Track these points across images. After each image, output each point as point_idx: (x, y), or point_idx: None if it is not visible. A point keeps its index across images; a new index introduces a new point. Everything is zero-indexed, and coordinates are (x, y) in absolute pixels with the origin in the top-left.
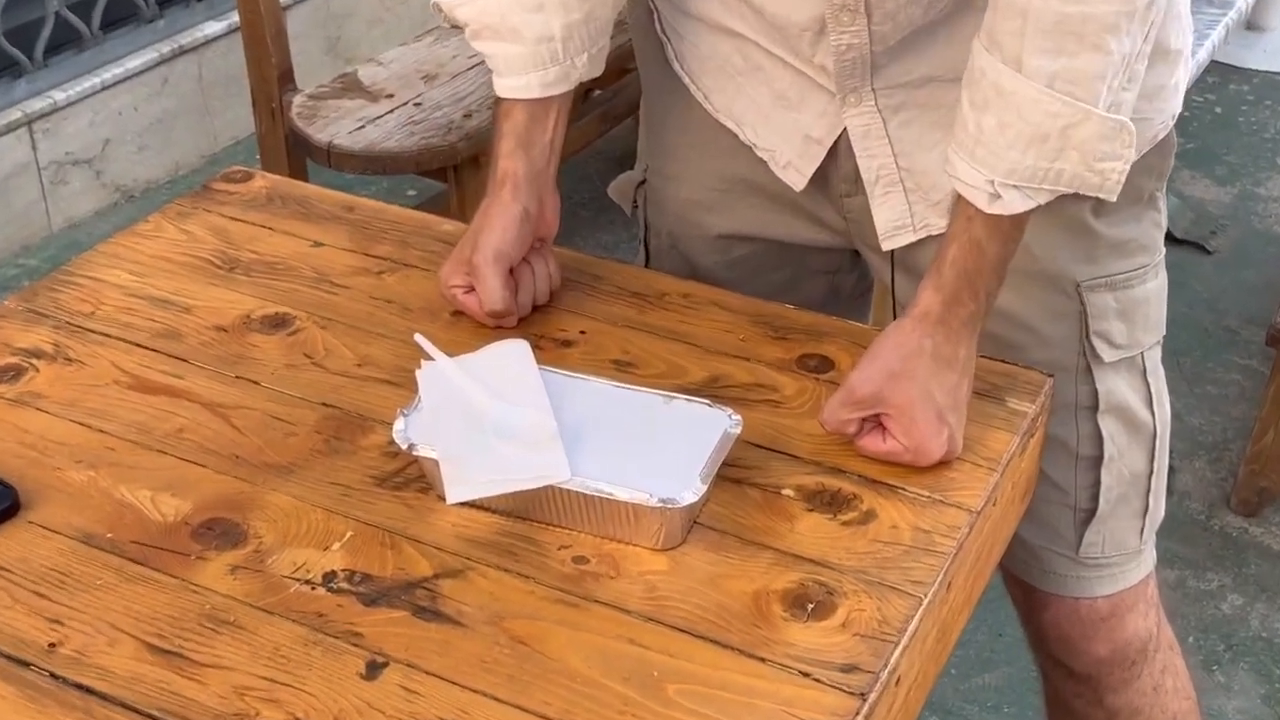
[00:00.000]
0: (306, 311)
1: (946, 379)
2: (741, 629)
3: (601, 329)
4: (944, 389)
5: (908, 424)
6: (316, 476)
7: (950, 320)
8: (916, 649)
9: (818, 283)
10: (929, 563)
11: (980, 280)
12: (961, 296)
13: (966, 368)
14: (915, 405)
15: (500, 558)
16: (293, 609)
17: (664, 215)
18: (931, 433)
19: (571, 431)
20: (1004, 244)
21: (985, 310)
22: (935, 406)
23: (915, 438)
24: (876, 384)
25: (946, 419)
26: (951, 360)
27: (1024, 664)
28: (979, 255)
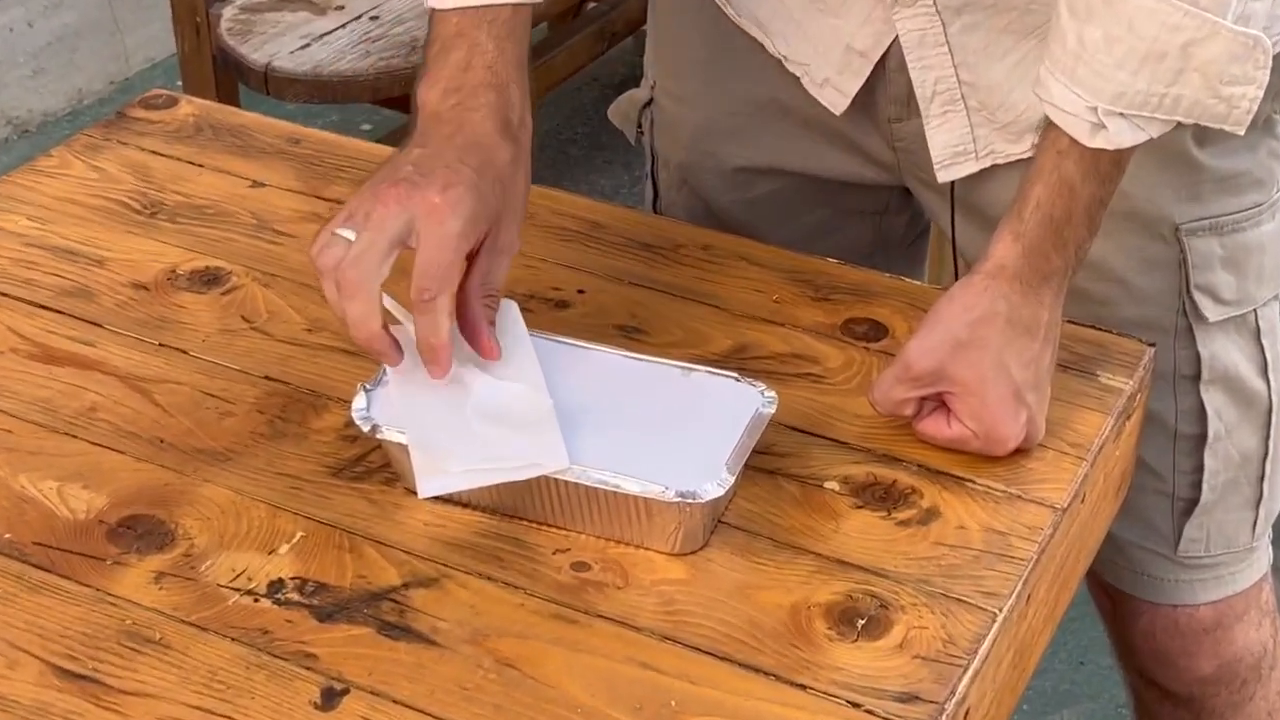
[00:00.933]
0: (245, 265)
1: (1025, 349)
2: (777, 650)
3: (604, 287)
4: (1022, 361)
5: (977, 405)
6: (259, 465)
7: (1030, 277)
8: (989, 675)
9: (860, 227)
10: (1004, 570)
11: (1069, 229)
12: (1045, 248)
13: (1049, 336)
14: (986, 382)
15: (483, 564)
16: (231, 625)
17: (674, 144)
18: (1006, 415)
19: (569, 411)
20: (1101, 185)
21: (1073, 266)
22: (1011, 383)
23: (986, 421)
24: (939, 356)
25: (1024, 398)
26: (1031, 326)
27: (1110, 696)
28: (1070, 198)
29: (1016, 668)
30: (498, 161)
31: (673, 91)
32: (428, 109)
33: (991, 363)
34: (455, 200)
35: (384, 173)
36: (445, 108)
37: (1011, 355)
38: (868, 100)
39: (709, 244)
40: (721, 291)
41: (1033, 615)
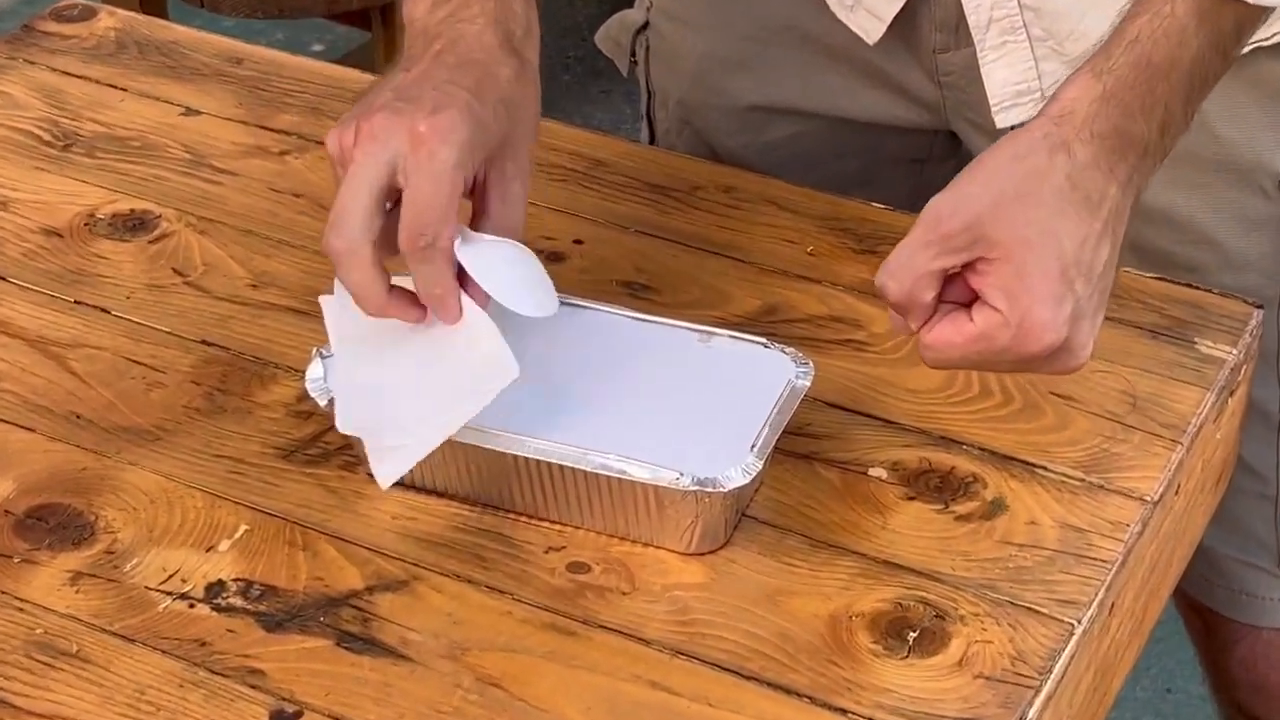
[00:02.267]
0: (177, 209)
1: (1083, 224)
2: (812, 668)
3: (607, 237)
4: (1077, 236)
5: (1012, 276)
6: (194, 446)
7: (1106, 132)
8: (1065, 699)
9: (897, 177)
10: (1083, 575)
11: (1166, 85)
12: (1132, 100)
13: (1114, 223)
14: (1030, 245)
15: (463, 564)
16: (162, 635)
17: (674, 77)
18: (1047, 293)
19: (564, 384)
20: (1215, 44)
21: (1161, 147)
22: (1059, 255)
23: (1021, 298)
24: (976, 209)
25: (1073, 283)
26: (1095, 198)
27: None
28: (1178, 43)
29: (1097, 691)
30: (499, 78)
31: (672, 13)
32: (415, 25)
33: (1040, 225)
34: (446, 125)
35: (360, 105)
36: (434, 21)
37: (1066, 223)
38: (907, 27)
39: (731, 185)
40: (746, 242)
41: (1116, 629)
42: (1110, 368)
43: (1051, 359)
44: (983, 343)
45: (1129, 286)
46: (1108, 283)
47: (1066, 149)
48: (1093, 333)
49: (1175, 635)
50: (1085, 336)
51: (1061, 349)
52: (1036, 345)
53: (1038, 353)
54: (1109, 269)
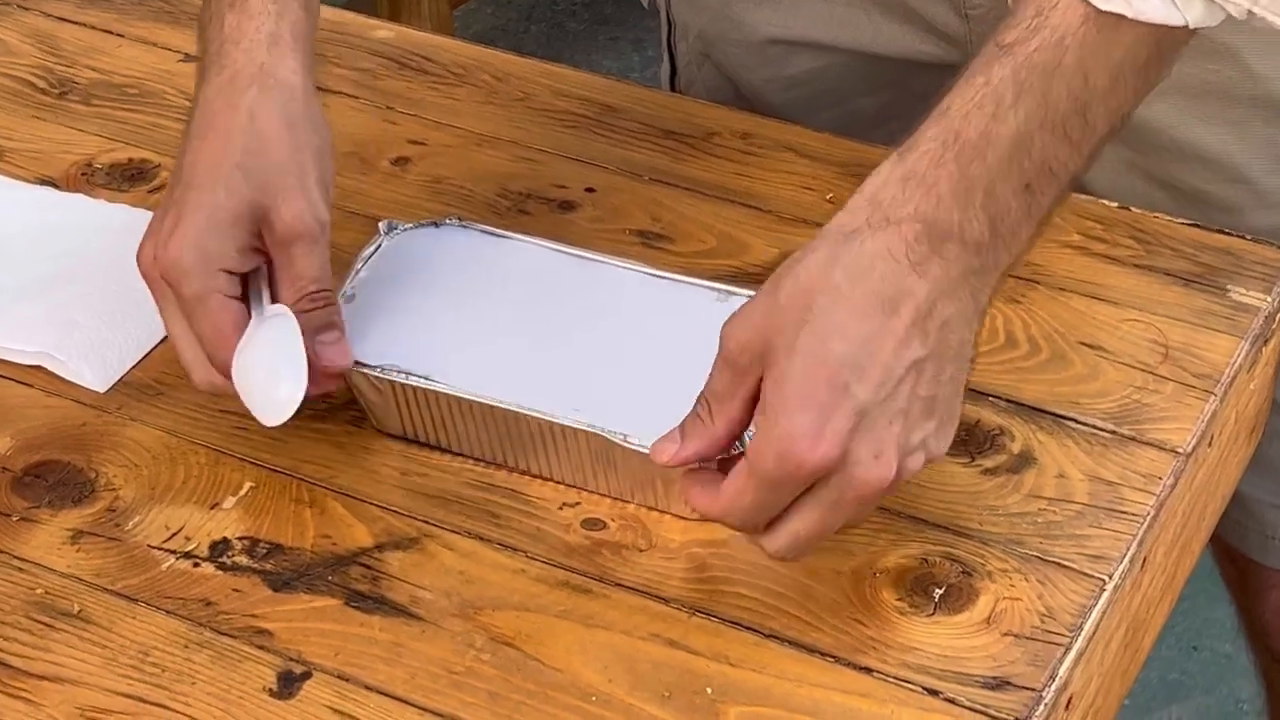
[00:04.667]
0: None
1: (868, 324)
2: (836, 626)
3: (619, 184)
4: (856, 338)
5: (772, 388)
6: (198, 400)
7: (907, 219)
8: (1097, 656)
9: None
10: (1115, 529)
11: (981, 168)
12: (939, 183)
13: (935, 328)
14: (794, 352)
15: (475, 521)
16: (166, 595)
17: (695, 8)
18: (806, 402)
19: (574, 342)
20: (1047, 122)
21: (997, 243)
22: (827, 360)
23: (778, 412)
24: (754, 321)
25: (849, 389)
26: (893, 296)
27: (1229, 689)
28: (989, 117)
29: (1129, 648)
30: (230, 137)
31: None
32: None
33: (809, 328)
34: (176, 256)
35: None
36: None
37: (839, 320)
38: None
39: (748, 131)
40: (764, 189)
41: (1149, 584)
42: (1141, 316)
43: (844, 482)
44: (756, 476)
45: (1159, 233)
46: (935, 394)
47: (854, 238)
48: (901, 443)
49: (1202, 593)
50: (879, 448)
51: (847, 464)
52: (802, 463)
53: (813, 472)
54: (932, 377)
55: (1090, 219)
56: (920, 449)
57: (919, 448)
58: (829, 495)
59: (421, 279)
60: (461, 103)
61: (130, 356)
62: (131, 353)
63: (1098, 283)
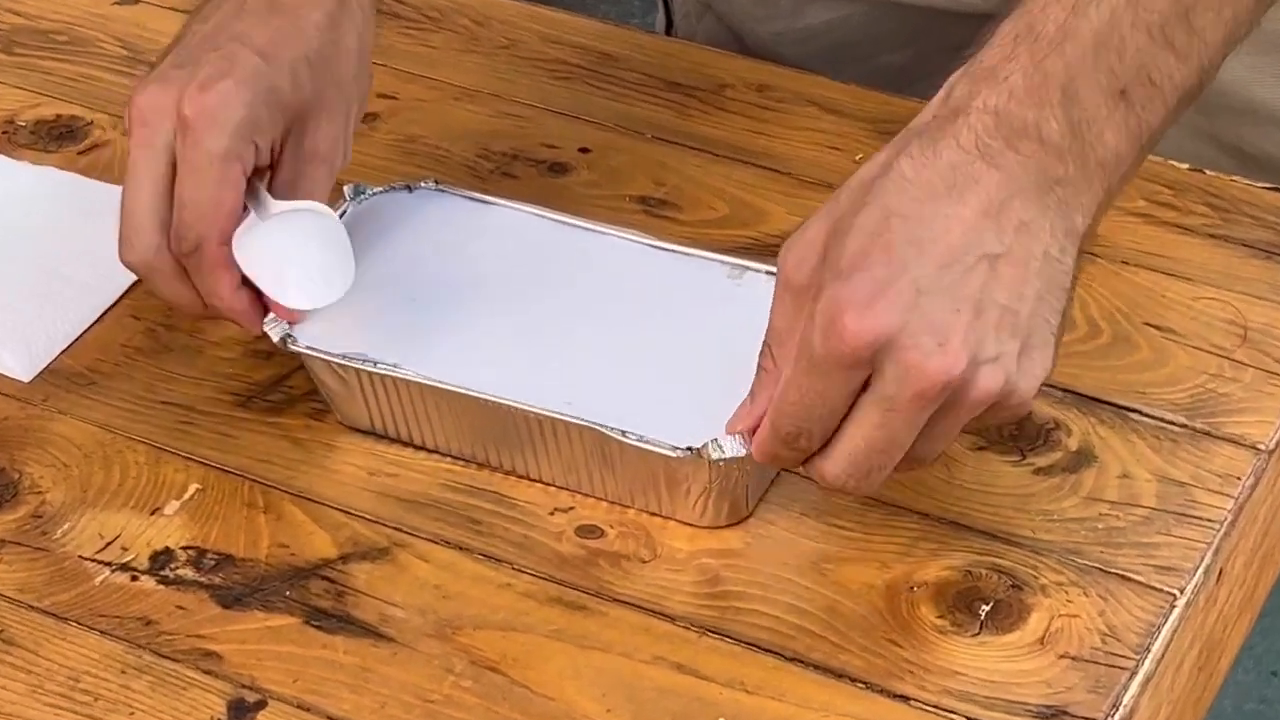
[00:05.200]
0: (110, 113)
1: (929, 205)
2: (867, 647)
3: (619, 144)
4: (915, 215)
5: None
6: (135, 390)
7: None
8: (1166, 682)
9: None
10: (1186, 537)
11: (1059, 63)
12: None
13: (1014, 226)
14: (847, 232)
15: (454, 528)
16: (100, 613)
17: None
18: (850, 269)
19: (567, 323)
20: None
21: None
22: (878, 233)
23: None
24: (818, 240)
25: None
26: (961, 182)
27: None
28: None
29: (1203, 672)
30: (304, 27)
31: None
32: None
33: (870, 209)
34: (216, 103)
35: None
36: None
37: (902, 203)
38: None
39: (765, 82)
40: (783, 149)
41: (1225, 600)
42: (1216, 293)
43: (899, 370)
44: (802, 359)
45: (1236, 198)
46: (1019, 307)
47: (920, 133)
48: (970, 339)
49: None
50: (942, 334)
51: (902, 346)
52: (850, 333)
53: (859, 345)
54: (1005, 281)
55: (1158, 183)
56: (997, 365)
57: (993, 361)
58: (884, 389)
59: (391, 250)
60: (438, 50)
61: (59, 341)
62: (60, 337)
63: (1167, 255)
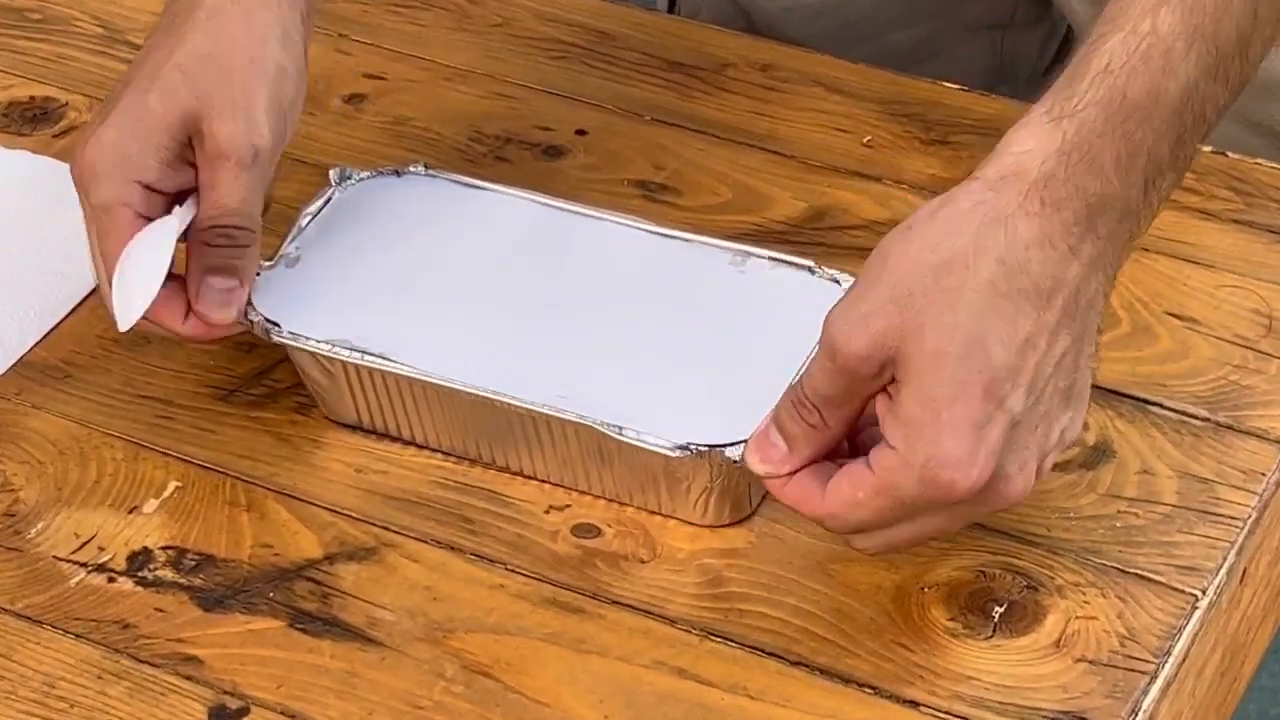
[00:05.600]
0: (87, 95)
1: (1026, 322)
2: (876, 651)
3: (617, 126)
4: (1015, 340)
5: (914, 402)
6: (112, 384)
7: (1066, 200)
8: (1188, 686)
9: (973, 48)
10: (1210, 535)
11: (1148, 131)
12: (1102, 153)
13: (1082, 312)
14: (944, 359)
15: (445, 527)
16: (76, 616)
17: None
18: (961, 423)
19: (563, 313)
20: (1213, 69)
21: (1147, 206)
22: (985, 369)
23: (926, 434)
24: (880, 322)
25: (1005, 403)
26: (1049, 288)
27: None
28: (1159, 71)
29: (1225, 676)
30: (182, 32)
31: None
32: None
33: (960, 330)
34: (93, 156)
35: None
36: None
37: (997, 324)
38: None
39: (769, 62)
40: (788, 131)
41: (1249, 601)
42: (1240, 281)
43: (984, 498)
44: (885, 495)
45: (1262, 182)
46: (1074, 380)
47: (1004, 224)
48: (1044, 447)
49: None
50: (1024, 460)
51: (995, 480)
52: (951, 490)
53: (964, 498)
54: (1071, 364)
55: None
56: (1057, 445)
57: (1056, 445)
58: (961, 510)
59: (380, 238)
60: (428, 29)
61: (32, 333)
62: (34, 328)
63: (1189, 241)
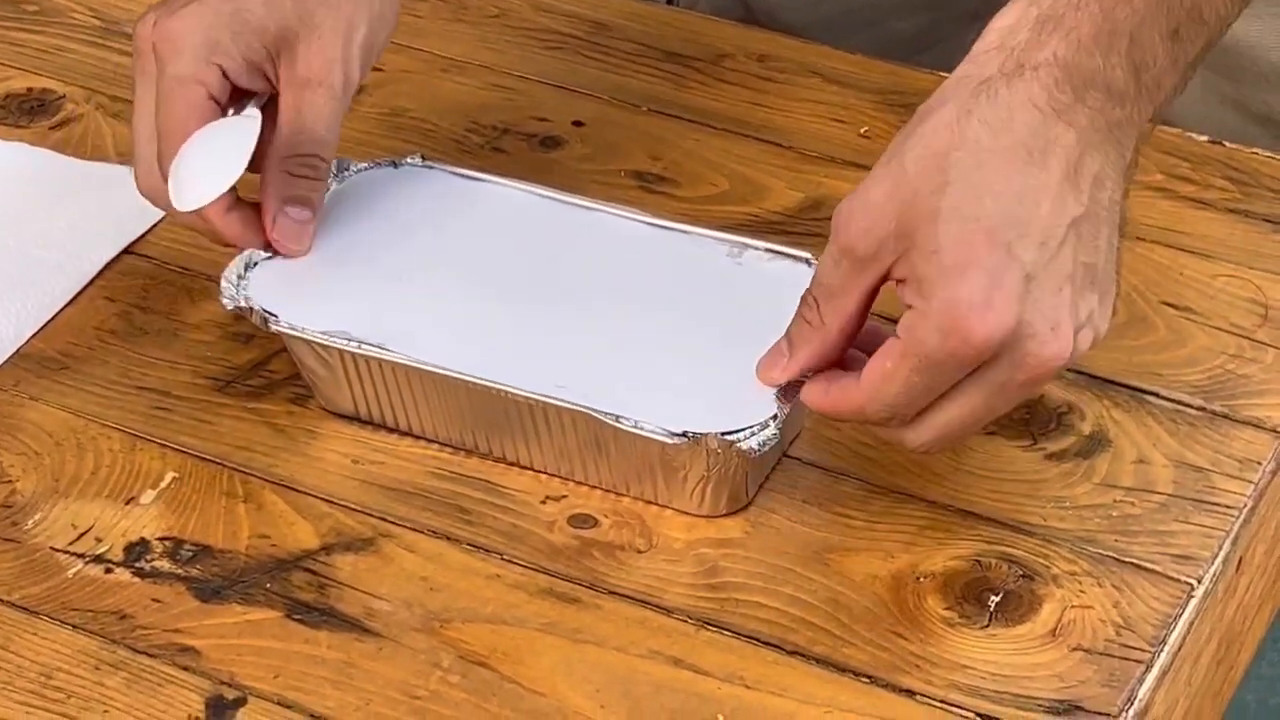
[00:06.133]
0: (84, 86)
1: (1020, 176)
2: (872, 640)
3: (613, 117)
4: (1009, 192)
5: (922, 259)
6: (109, 375)
7: (1045, 64)
8: (1184, 676)
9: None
10: (1205, 524)
11: (1126, 11)
12: (1080, 27)
13: (1088, 184)
14: (939, 216)
15: (442, 517)
16: (73, 606)
17: None
18: (970, 266)
19: (556, 300)
20: None
21: (1141, 93)
22: (982, 217)
23: (939, 283)
24: (877, 198)
25: (1012, 249)
26: (1042, 146)
27: None
28: None
29: (1221, 665)
30: None
31: None
32: None
33: (952, 188)
34: (179, 29)
35: None
36: None
37: (989, 176)
38: None
39: (766, 52)
40: (785, 122)
41: (1245, 590)
42: (1236, 270)
43: (1016, 359)
44: (912, 357)
45: (1258, 171)
46: (1096, 261)
47: (986, 88)
48: (1073, 314)
49: None
50: (1055, 319)
51: (1020, 337)
52: (970, 336)
53: (984, 346)
54: (1090, 241)
55: (1176, 155)
56: (1088, 324)
57: (1086, 323)
58: (996, 376)
59: (376, 229)
60: (424, 20)
61: (30, 324)
62: (31, 320)
63: (1185, 231)
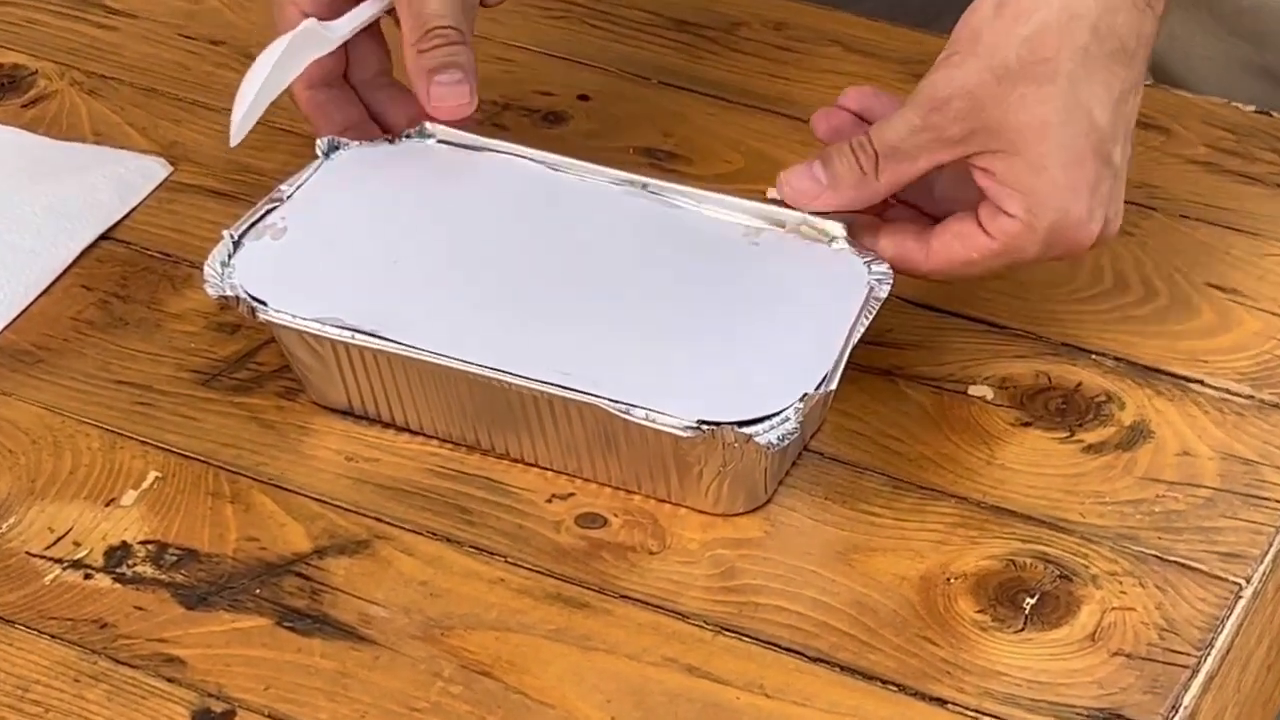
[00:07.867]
0: (58, 61)
1: (1118, 82)
2: (900, 646)
3: (622, 90)
4: (1110, 100)
5: (1028, 171)
6: (87, 369)
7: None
8: (1232, 681)
9: None
10: (1254, 520)
11: None
12: None
13: (1140, 64)
14: (1048, 129)
15: (441, 518)
16: (51, 615)
17: None
18: (1080, 186)
19: (562, 285)
20: None
21: None
22: (1091, 131)
23: (1049, 201)
24: (978, 93)
25: (1111, 159)
26: (1134, 46)
27: None
28: None
29: (1273, 670)
30: None
31: None
32: None
33: (1059, 99)
34: None
35: None
36: None
37: (1095, 89)
38: None
39: (783, 20)
40: (803, 94)
41: None
42: None
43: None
44: (1005, 256)
45: None
46: (1126, 150)
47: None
48: (1121, 206)
49: None
50: (1117, 206)
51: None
52: (1077, 248)
53: (1078, 252)
54: (1126, 136)
55: (1221, 127)
56: (1119, 216)
57: (1118, 214)
58: (1046, 255)
59: (371, 209)
60: None
61: (2, 315)
62: (3, 310)
63: (1230, 208)
